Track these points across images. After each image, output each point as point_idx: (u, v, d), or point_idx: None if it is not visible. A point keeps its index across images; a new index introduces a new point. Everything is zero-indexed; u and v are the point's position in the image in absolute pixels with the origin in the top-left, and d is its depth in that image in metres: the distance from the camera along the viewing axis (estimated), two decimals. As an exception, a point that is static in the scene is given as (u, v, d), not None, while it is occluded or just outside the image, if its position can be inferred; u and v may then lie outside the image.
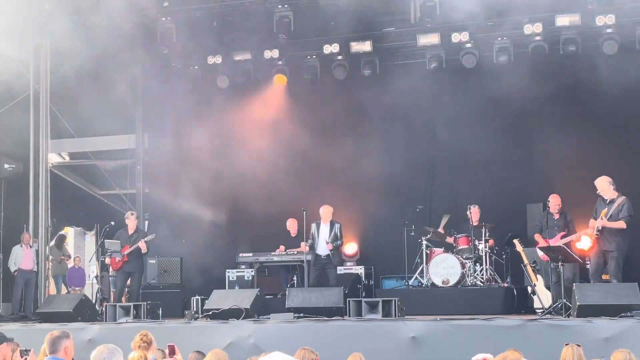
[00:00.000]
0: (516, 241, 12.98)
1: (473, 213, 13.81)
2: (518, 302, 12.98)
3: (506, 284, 13.43)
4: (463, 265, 13.38)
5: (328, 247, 13.54)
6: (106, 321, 12.05)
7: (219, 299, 11.99)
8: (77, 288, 16.89)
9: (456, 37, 14.79)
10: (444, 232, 14.27)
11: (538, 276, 12.84)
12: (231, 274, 14.83)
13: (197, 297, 12.99)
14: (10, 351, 6.79)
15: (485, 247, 13.62)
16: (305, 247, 13.94)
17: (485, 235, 13.69)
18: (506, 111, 15.06)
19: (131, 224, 13.81)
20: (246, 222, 16.44)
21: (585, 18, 14.06)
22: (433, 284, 13.46)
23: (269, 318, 11.45)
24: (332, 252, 13.58)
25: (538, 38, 14.54)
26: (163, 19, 14.83)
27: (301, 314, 11.32)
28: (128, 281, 13.97)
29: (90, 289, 16.15)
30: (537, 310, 12.20)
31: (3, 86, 14.34)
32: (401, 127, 16.06)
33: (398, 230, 14.73)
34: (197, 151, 16.29)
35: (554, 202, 12.50)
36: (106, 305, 12.45)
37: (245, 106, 16.40)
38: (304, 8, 14.64)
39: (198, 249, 15.75)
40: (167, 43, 15.18)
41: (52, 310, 12.52)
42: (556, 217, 12.49)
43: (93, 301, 13.40)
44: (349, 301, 11.22)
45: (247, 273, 14.69)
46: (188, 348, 7.56)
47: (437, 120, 16.04)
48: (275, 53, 15.69)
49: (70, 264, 17.37)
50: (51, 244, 16.08)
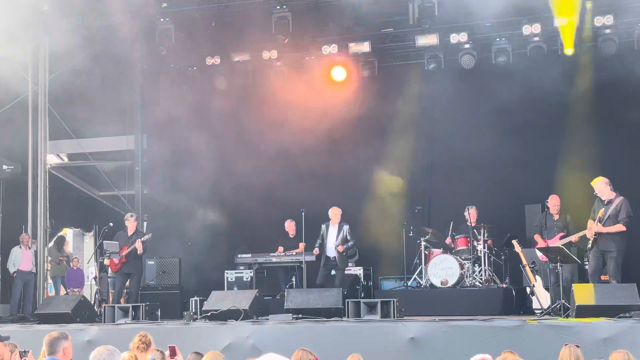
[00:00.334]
0: (515, 242, 12.98)
1: (471, 214, 13.83)
2: (517, 303, 13.00)
3: (505, 285, 13.44)
4: (462, 266, 13.38)
5: (339, 249, 13.55)
6: (105, 322, 12.04)
7: (218, 300, 11.99)
8: (76, 289, 16.88)
9: (455, 38, 14.79)
10: (451, 241, 14.19)
11: (537, 277, 12.83)
12: (230, 275, 14.82)
13: (196, 298, 12.98)
14: (7, 351, 6.76)
15: (484, 248, 13.63)
16: (303, 248, 13.98)
17: (484, 236, 13.70)
18: (505, 112, 15.04)
19: (131, 226, 13.81)
20: (245, 223, 16.43)
21: (583, 18, 14.05)
22: (432, 285, 13.47)
23: (268, 319, 11.45)
24: (341, 254, 13.59)
25: (537, 39, 14.55)
26: (162, 20, 14.84)
27: (300, 315, 11.33)
28: (127, 282, 13.97)
29: (89, 290, 16.17)
30: (536, 310, 12.20)
31: (2, 87, 14.36)
32: (400, 128, 16.05)
33: (397, 231, 14.73)
34: (196, 152, 16.27)
35: (554, 203, 12.50)
36: (105, 306, 12.45)
37: (243, 107, 16.39)
38: (303, 9, 14.65)
39: (197, 250, 15.75)
40: (166, 44, 15.17)
41: (51, 311, 12.51)
42: (556, 218, 12.49)
43: (92, 302, 13.39)
44: (348, 302, 11.22)
45: (246, 274, 14.68)
46: (187, 349, 7.54)
47: (436, 120, 16.04)
48: (273, 54, 15.68)
49: (75, 265, 17.38)
50: (50, 245, 16.07)
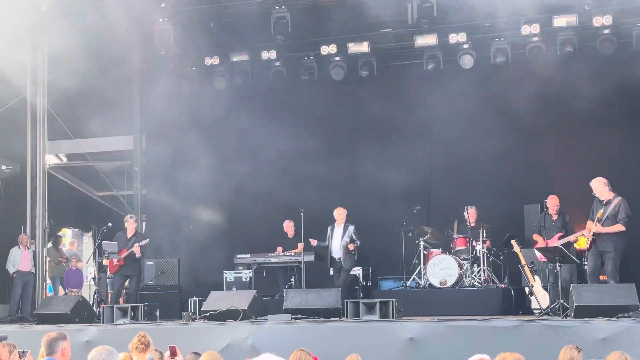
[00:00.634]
0: (514, 242, 12.98)
1: (470, 214, 13.83)
2: (515, 303, 13.00)
3: (504, 285, 13.45)
4: (461, 266, 13.38)
5: (350, 247, 13.58)
6: (103, 323, 12.04)
7: (217, 300, 11.98)
8: (75, 290, 16.87)
9: (453, 38, 14.79)
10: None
11: (535, 277, 12.84)
12: (229, 275, 14.82)
13: (195, 299, 12.97)
14: (6, 351, 6.76)
15: (482, 248, 13.63)
16: (302, 248, 13.98)
17: (482, 236, 13.70)
18: (504, 112, 15.05)
19: (130, 227, 13.80)
20: (244, 224, 16.43)
21: (582, 19, 14.07)
22: (431, 285, 13.47)
23: (267, 319, 11.44)
24: (347, 255, 13.61)
25: (535, 39, 14.56)
26: (160, 20, 14.82)
27: (299, 315, 11.32)
28: (126, 283, 13.96)
29: (87, 291, 16.16)
30: (535, 311, 12.20)
31: (1, 87, 14.34)
32: (399, 128, 16.06)
33: (396, 231, 14.74)
34: (194, 152, 16.28)
35: (553, 203, 12.49)
36: (103, 306, 12.44)
37: (242, 107, 16.38)
38: (302, 9, 14.65)
39: (196, 250, 15.75)
40: (165, 44, 15.16)
41: (50, 311, 12.50)
42: (554, 218, 12.49)
43: (90, 303, 13.38)
44: (347, 302, 11.23)
45: (245, 274, 14.68)
46: (185, 349, 7.55)
47: (435, 121, 16.04)
48: (272, 54, 15.69)
49: (74, 266, 17.35)
50: (48, 246, 16.06)
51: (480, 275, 13.55)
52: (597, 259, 11.42)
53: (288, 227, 14.95)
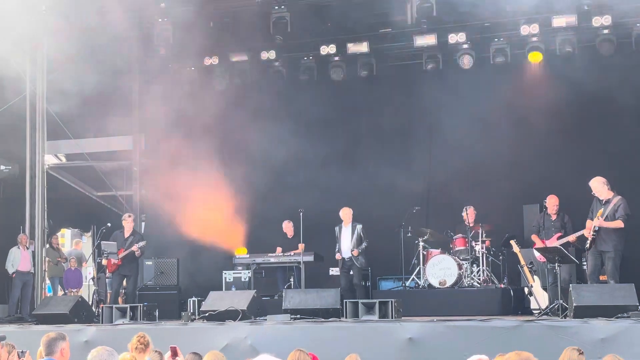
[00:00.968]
0: (513, 242, 12.99)
1: (469, 214, 13.83)
2: (515, 303, 13.00)
3: (503, 285, 13.45)
4: (460, 266, 13.38)
5: (354, 254, 13.60)
6: (103, 323, 12.03)
7: (216, 301, 11.98)
8: (74, 290, 16.86)
9: (453, 38, 14.79)
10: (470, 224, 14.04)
11: (535, 277, 12.84)
12: (228, 276, 14.82)
13: (194, 299, 12.97)
14: (5, 352, 6.76)
15: (482, 248, 13.63)
16: (302, 248, 13.97)
17: (482, 236, 13.69)
18: (503, 112, 15.06)
19: (127, 226, 13.80)
20: (243, 224, 16.41)
21: (581, 19, 14.07)
22: (430, 285, 13.47)
23: (266, 319, 11.45)
24: (357, 255, 13.63)
25: (535, 39, 14.56)
26: (160, 20, 14.81)
27: (298, 316, 11.32)
28: (124, 283, 13.95)
29: (86, 291, 16.15)
30: (534, 311, 12.20)
31: (0, 87, 14.32)
32: (398, 128, 16.06)
33: (395, 231, 14.73)
34: (194, 152, 16.26)
35: (552, 203, 12.49)
36: (103, 307, 12.44)
37: (242, 107, 16.38)
38: (301, 9, 14.64)
39: (195, 251, 15.73)
40: (164, 44, 15.16)
41: (49, 311, 12.50)
42: (553, 218, 12.49)
43: (90, 303, 13.37)
44: (346, 302, 11.23)
45: (244, 274, 14.68)
46: (185, 349, 7.54)
47: (434, 121, 16.03)
48: (272, 54, 15.69)
49: (73, 266, 17.35)
50: (47, 246, 16.05)
51: (479, 275, 13.54)
52: (597, 259, 11.42)
53: (287, 228, 14.95)
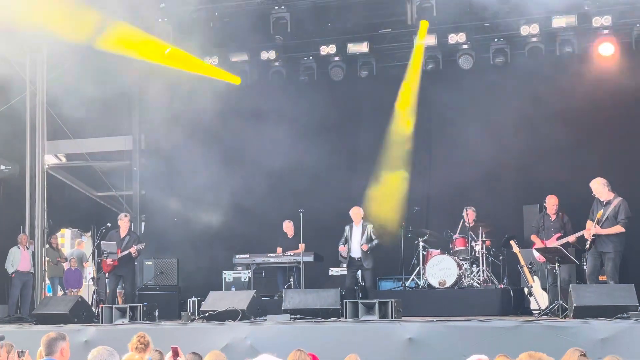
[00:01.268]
0: (513, 242, 12.98)
1: (469, 214, 13.84)
2: (514, 304, 13.00)
3: (503, 285, 13.44)
4: (460, 266, 13.38)
5: (363, 248, 13.55)
6: (102, 323, 12.03)
7: (216, 301, 11.98)
8: (74, 290, 16.86)
9: (453, 39, 14.79)
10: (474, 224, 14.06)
11: (534, 277, 12.83)
12: (228, 276, 14.82)
13: (194, 299, 12.95)
14: (4, 351, 6.76)
15: (481, 249, 13.63)
16: (303, 248, 13.97)
17: (481, 236, 13.69)
18: (503, 112, 15.06)
19: (124, 226, 13.75)
20: (243, 224, 16.41)
21: (581, 19, 14.07)
22: (430, 285, 13.47)
23: (266, 319, 11.45)
24: (366, 254, 13.58)
25: (535, 39, 14.57)
26: (160, 20, 14.81)
27: (298, 316, 11.32)
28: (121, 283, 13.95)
29: (86, 291, 16.13)
30: (534, 311, 12.19)
31: (0, 87, 14.33)
32: (398, 128, 16.04)
33: (395, 231, 14.72)
34: (194, 152, 16.26)
35: (551, 203, 12.48)
36: (102, 307, 12.43)
37: (241, 107, 16.38)
38: (301, 9, 14.63)
39: (195, 251, 15.73)
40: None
41: (49, 311, 12.49)
42: (553, 218, 12.48)
43: (89, 303, 13.37)
44: (346, 302, 11.22)
45: (244, 274, 14.68)
46: (185, 350, 7.52)
47: (434, 121, 16.04)
48: (272, 54, 15.69)
49: (73, 266, 17.34)
50: (47, 246, 16.05)
51: (479, 275, 13.54)
52: (597, 260, 11.41)
53: (288, 228, 14.94)
